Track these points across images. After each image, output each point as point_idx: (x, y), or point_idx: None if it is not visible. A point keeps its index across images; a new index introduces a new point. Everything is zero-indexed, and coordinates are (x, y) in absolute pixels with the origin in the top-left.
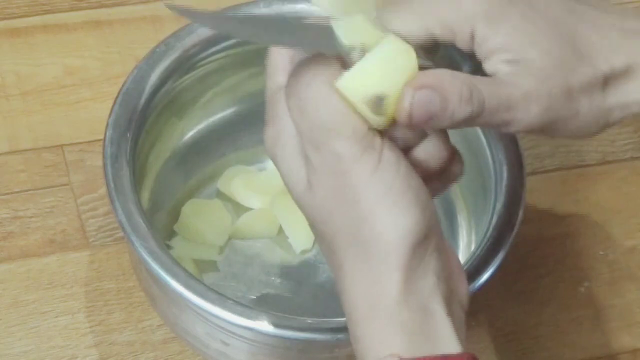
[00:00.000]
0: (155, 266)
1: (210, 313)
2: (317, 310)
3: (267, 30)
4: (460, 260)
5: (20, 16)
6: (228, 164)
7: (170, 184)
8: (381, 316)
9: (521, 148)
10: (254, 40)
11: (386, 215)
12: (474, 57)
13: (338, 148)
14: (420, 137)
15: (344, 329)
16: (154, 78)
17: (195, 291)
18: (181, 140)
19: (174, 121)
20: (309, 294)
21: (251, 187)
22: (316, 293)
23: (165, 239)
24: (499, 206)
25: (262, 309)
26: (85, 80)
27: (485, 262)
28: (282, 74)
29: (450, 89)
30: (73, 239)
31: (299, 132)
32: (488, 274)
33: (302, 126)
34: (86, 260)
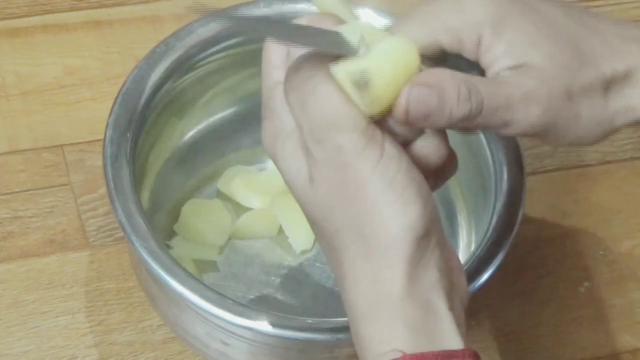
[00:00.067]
0: (155, 266)
1: (210, 313)
2: (317, 310)
3: (281, 31)
4: (459, 258)
5: (20, 16)
6: (228, 164)
7: (170, 184)
8: (384, 311)
9: (521, 148)
10: (277, 40)
11: (389, 209)
12: (480, 67)
13: (340, 141)
14: (417, 133)
15: (344, 329)
16: (154, 78)
17: (195, 291)
18: (181, 140)
19: (174, 121)
20: (309, 294)
21: (251, 187)
22: (316, 293)
23: (165, 239)
24: (499, 206)
25: (262, 309)
26: (85, 80)
27: (485, 262)
28: (278, 70)
29: (448, 87)
30: (73, 239)
31: (300, 127)
32: (488, 274)
33: (303, 120)
34: (86, 260)
